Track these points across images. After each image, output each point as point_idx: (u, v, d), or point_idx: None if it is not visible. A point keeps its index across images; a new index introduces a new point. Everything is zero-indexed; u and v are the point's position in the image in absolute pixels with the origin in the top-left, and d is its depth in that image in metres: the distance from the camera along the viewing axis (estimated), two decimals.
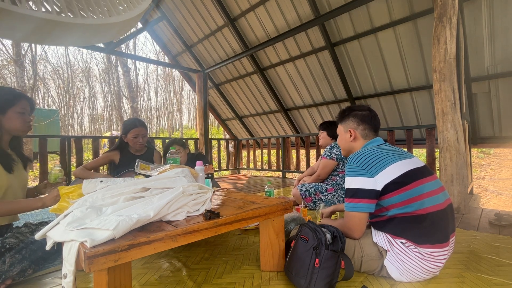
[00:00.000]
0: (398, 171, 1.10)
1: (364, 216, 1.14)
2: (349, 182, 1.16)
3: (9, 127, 1.35)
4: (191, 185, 1.14)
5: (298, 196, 2.44)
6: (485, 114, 3.69)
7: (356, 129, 1.34)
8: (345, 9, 3.16)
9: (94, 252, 0.70)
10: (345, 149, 1.42)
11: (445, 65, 2.25)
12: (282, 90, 5.72)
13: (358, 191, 1.12)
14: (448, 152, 2.26)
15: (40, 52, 18.76)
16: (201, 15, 5.45)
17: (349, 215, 1.16)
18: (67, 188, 1.21)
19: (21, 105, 1.36)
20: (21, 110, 1.36)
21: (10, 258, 1.14)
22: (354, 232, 1.17)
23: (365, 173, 1.12)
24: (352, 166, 1.17)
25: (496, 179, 6.67)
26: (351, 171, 1.17)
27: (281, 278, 1.19)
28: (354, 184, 1.14)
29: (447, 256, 1.09)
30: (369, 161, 1.14)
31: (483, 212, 2.29)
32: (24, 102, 1.39)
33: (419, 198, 1.06)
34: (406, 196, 1.06)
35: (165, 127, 26.04)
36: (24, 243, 1.22)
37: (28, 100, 1.41)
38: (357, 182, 1.13)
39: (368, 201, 1.10)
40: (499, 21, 3.03)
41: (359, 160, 1.16)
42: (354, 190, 1.13)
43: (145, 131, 2.16)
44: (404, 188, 1.07)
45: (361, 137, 1.34)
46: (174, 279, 1.21)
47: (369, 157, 1.16)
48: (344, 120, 1.40)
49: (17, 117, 1.35)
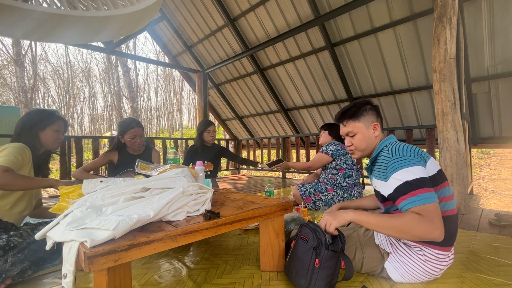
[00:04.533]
0: (435, 168, 1.03)
1: (437, 207, 0.92)
2: (403, 175, 0.96)
3: (44, 142, 1.57)
4: (191, 185, 1.14)
5: (298, 196, 2.44)
6: (485, 114, 3.69)
7: (377, 122, 1.19)
8: (345, 9, 3.16)
9: (94, 252, 0.70)
10: (366, 149, 1.20)
11: (445, 65, 2.25)
12: (282, 90, 5.72)
13: (421, 181, 0.93)
14: (448, 152, 2.26)
15: (40, 52, 18.80)
16: (201, 15, 5.45)
17: (424, 209, 0.90)
18: (67, 188, 1.21)
19: (58, 124, 1.61)
20: (57, 128, 1.60)
21: (12, 257, 1.15)
22: (433, 230, 0.88)
23: (417, 161, 0.98)
24: (399, 158, 1.00)
25: (496, 180, 6.67)
26: (399, 163, 0.98)
27: (281, 278, 1.19)
28: (412, 175, 0.94)
29: (450, 260, 1.09)
30: (414, 152, 1.02)
31: (483, 212, 2.29)
32: (61, 122, 1.64)
33: (447, 199, 1.04)
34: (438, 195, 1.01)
35: (165, 127, 26.04)
36: (27, 242, 1.23)
37: (64, 121, 1.67)
38: (413, 172, 0.95)
39: (432, 189, 0.94)
40: (499, 21, 3.03)
41: (403, 151, 1.02)
42: (415, 180, 0.93)
43: (141, 131, 2.16)
44: (437, 186, 1.02)
45: (380, 131, 1.19)
46: (174, 279, 1.21)
47: (410, 148, 1.03)
48: (361, 116, 1.19)
49: (53, 134, 1.59)
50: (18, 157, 1.36)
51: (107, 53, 4.93)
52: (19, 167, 1.37)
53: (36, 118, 1.54)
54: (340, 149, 2.43)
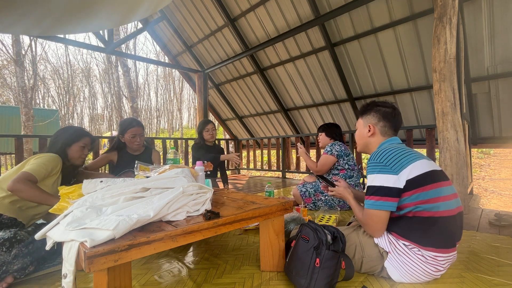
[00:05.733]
0: (420, 170, 1.08)
1: (385, 215, 1.10)
2: (371, 179, 1.13)
3: (70, 157, 1.68)
4: (191, 185, 1.14)
5: (298, 196, 2.44)
6: (485, 114, 3.68)
7: (376, 125, 1.30)
8: (345, 9, 3.16)
9: (94, 252, 0.70)
10: (360, 144, 1.38)
11: (445, 65, 2.25)
12: (282, 90, 5.72)
13: (380, 189, 1.08)
14: (448, 152, 2.26)
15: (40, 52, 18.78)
16: (201, 15, 5.45)
17: (369, 213, 1.12)
18: (67, 188, 1.21)
19: (83, 141, 1.72)
20: (82, 145, 1.71)
21: (17, 249, 1.18)
22: (373, 231, 1.14)
23: (389, 170, 1.09)
24: (375, 163, 1.13)
25: (496, 180, 6.67)
26: (373, 168, 1.13)
27: (281, 278, 1.19)
28: (377, 182, 1.10)
29: (451, 261, 1.09)
30: (393, 158, 1.11)
31: (483, 212, 2.29)
32: (87, 139, 1.74)
33: (435, 201, 1.04)
34: (423, 196, 1.04)
35: (165, 127, 26.04)
36: (32, 238, 1.26)
37: (91, 137, 1.78)
38: (379, 179, 1.09)
39: (390, 199, 1.07)
40: (499, 21, 3.03)
41: (382, 157, 1.13)
42: (376, 187, 1.10)
43: (142, 131, 2.16)
44: (422, 188, 1.05)
45: (379, 134, 1.30)
46: (174, 279, 1.21)
47: (392, 154, 1.12)
48: (365, 114, 1.35)
49: (77, 150, 1.69)
50: (46, 168, 1.47)
51: (107, 53, 4.93)
52: (44, 177, 1.47)
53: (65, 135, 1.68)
54: (343, 149, 2.42)
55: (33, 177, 1.39)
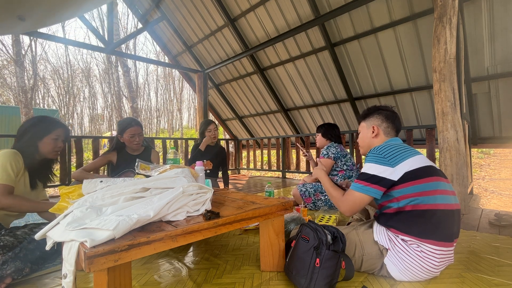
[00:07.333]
0: (420, 163, 1.12)
1: (367, 200, 1.15)
2: (367, 167, 1.18)
3: (42, 151, 1.54)
4: (191, 185, 1.14)
5: (298, 197, 2.44)
6: (485, 114, 3.68)
7: (379, 126, 1.36)
8: (345, 9, 3.16)
9: (94, 252, 0.70)
10: (364, 146, 1.42)
11: (445, 65, 2.25)
12: (282, 90, 5.72)
13: (373, 177, 1.14)
14: (448, 152, 2.26)
15: (40, 52, 18.78)
16: (201, 15, 5.45)
17: (353, 194, 1.17)
18: (67, 188, 1.21)
19: (56, 133, 1.57)
20: (55, 137, 1.57)
21: (2, 255, 1.15)
22: (346, 210, 1.20)
23: (386, 162, 1.14)
24: (375, 155, 1.18)
25: (496, 180, 6.67)
26: (372, 158, 1.18)
27: (281, 278, 1.19)
28: (372, 170, 1.15)
29: (448, 259, 1.09)
30: (392, 152, 1.16)
31: (483, 212, 2.29)
32: (60, 130, 1.59)
33: (433, 193, 1.08)
34: (420, 188, 1.07)
35: (165, 127, 26.03)
36: (18, 241, 1.23)
37: (64, 128, 1.63)
38: (375, 168, 1.15)
39: (378, 187, 1.12)
40: (499, 21, 3.03)
41: (382, 151, 1.18)
42: (369, 175, 1.15)
43: (141, 130, 2.16)
44: (419, 180, 1.08)
45: (383, 134, 1.35)
46: (174, 279, 1.21)
47: (392, 149, 1.18)
48: (368, 117, 1.41)
49: (50, 143, 1.55)
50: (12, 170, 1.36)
51: (107, 53, 4.93)
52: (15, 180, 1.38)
53: (35, 128, 1.52)
54: (340, 151, 2.43)
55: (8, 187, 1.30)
